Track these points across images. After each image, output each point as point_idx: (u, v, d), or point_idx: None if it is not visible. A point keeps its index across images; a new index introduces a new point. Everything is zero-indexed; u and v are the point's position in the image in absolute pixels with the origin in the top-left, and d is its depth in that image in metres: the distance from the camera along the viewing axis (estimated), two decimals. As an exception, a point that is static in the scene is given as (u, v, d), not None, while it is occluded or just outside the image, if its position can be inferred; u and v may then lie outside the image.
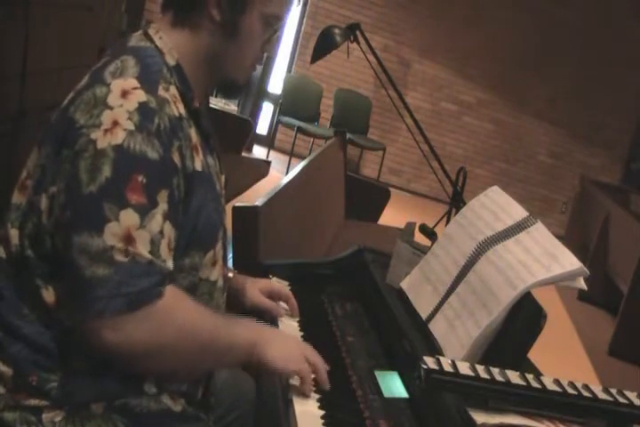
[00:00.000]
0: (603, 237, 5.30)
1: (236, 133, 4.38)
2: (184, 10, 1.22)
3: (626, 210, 5.25)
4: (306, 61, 6.77)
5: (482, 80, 7.23)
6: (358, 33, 2.94)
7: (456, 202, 2.42)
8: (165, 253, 1.09)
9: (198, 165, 1.18)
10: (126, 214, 1.05)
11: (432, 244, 1.60)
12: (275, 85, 7.24)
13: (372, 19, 7.00)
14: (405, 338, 1.36)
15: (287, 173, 3.08)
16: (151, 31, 1.22)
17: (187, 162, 1.14)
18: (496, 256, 1.34)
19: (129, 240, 1.04)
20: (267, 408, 1.48)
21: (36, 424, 1.09)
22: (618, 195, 5.75)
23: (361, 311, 1.61)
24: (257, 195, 2.14)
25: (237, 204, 1.89)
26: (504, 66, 7.14)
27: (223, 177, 1.34)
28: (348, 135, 5.32)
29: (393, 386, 1.28)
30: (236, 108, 6.65)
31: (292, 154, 6.51)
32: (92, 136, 1.07)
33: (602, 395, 1.11)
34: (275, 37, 1.30)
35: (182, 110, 1.17)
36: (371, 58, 3.01)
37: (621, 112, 7.20)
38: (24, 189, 1.16)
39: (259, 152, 6.91)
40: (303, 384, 1.20)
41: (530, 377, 1.11)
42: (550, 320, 1.25)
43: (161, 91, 1.13)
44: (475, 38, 7.06)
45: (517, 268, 1.28)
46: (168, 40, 1.21)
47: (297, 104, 6.77)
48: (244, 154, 5.01)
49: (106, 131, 1.06)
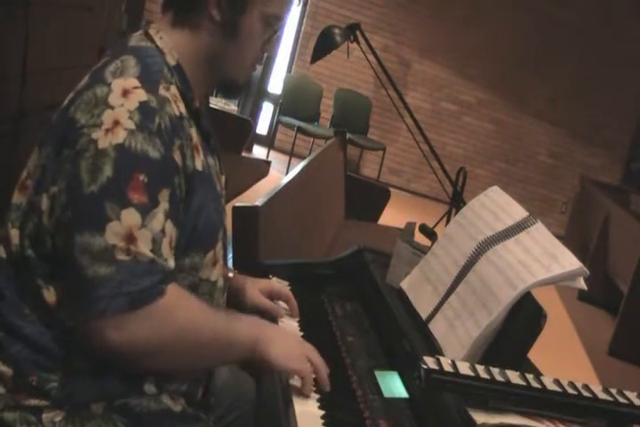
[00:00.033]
0: (603, 237, 5.30)
1: (236, 133, 4.38)
2: (184, 10, 1.22)
3: (626, 210, 5.25)
4: (306, 61, 6.77)
5: (482, 80, 7.23)
6: (358, 33, 2.94)
7: (456, 202, 2.42)
8: (167, 251, 1.09)
9: (199, 165, 1.18)
10: (128, 214, 1.05)
11: (432, 244, 1.60)
12: (275, 85, 7.24)
13: (372, 19, 7.00)
14: (405, 338, 1.36)
15: (287, 173, 3.08)
16: (151, 31, 1.22)
17: (187, 161, 1.14)
18: (496, 256, 1.34)
19: (131, 239, 1.04)
20: (267, 408, 1.48)
21: (36, 424, 1.09)
22: (618, 195, 5.75)
23: (361, 311, 1.61)
24: (257, 195, 2.14)
25: (237, 204, 1.89)
26: (504, 66, 7.15)
27: (223, 177, 1.34)
28: (348, 135, 5.32)
29: (393, 386, 1.28)
30: (236, 108, 6.65)
31: (292, 154, 6.51)
32: (93, 136, 1.07)
33: (602, 395, 1.11)
34: (275, 37, 1.30)
35: (183, 110, 1.17)
36: (371, 58, 3.01)
37: (621, 112, 7.20)
38: (24, 189, 1.16)
39: (259, 152, 6.91)
40: (304, 384, 1.19)
41: (530, 377, 1.11)
42: (550, 320, 1.25)
43: (161, 90, 1.13)
44: (475, 38, 7.06)
45: (517, 268, 1.28)
46: (168, 40, 1.21)
47: (297, 104, 6.77)
48: (244, 154, 5.01)
49: (107, 130, 1.06)
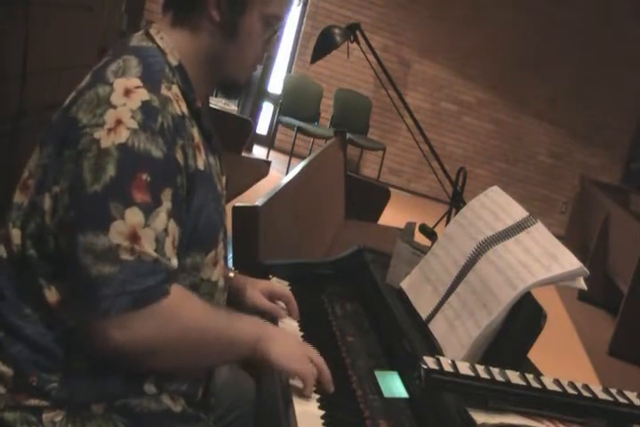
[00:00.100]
0: (603, 237, 5.30)
1: (236, 133, 4.38)
2: (184, 10, 1.22)
3: (626, 210, 5.25)
4: (306, 61, 6.77)
5: (482, 80, 7.23)
6: (358, 33, 2.94)
7: (456, 202, 2.42)
8: (170, 251, 1.09)
9: (201, 165, 1.18)
10: (132, 213, 1.05)
11: (432, 244, 1.60)
12: (275, 85, 7.24)
13: (372, 19, 7.00)
14: (405, 338, 1.36)
15: (287, 173, 3.08)
16: (152, 31, 1.22)
17: (189, 161, 1.15)
18: (496, 256, 1.34)
19: (135, 239, 1.04)
20: (267, 408, 1.48)
21: (37, 424, 1.09)
22: (618, 195, 5.75)
23: (361, 311, 1.61)
24: (257, 195, 2.14)
25: (237, 204, 1.89)
26: (504, 66, 7.15)
27: (224, 177, 1.34)
28: (348, 135, 5.32)
29: (393, 386, 1.28)
30: (236, 108, 6.64)
31: (292, 154, 6.51)
32: (96, 135, 1.07)
33: (602, 395, 1.11)
34: (275, 37, 1.30)
35: (185, 109, 1.17)
36: (371, 58, 3.01)
37: (621, 112, 7.20)
38: (25, 189, 1.16)
39: (259, 152, 6.91)
40: (305, 386, 1.19)
41: (530, 377, 1.11)
42: (550, 320, 1.25)
43: (163, 90, 1.13)
44: (475, 38, 7.06)
45: (517, 268, 1.28)
46: (169, 40, 1.21)
47: (297, 104, 6.77)
48: (244, 154, 5.01)
49: (109, 130, 1.06)
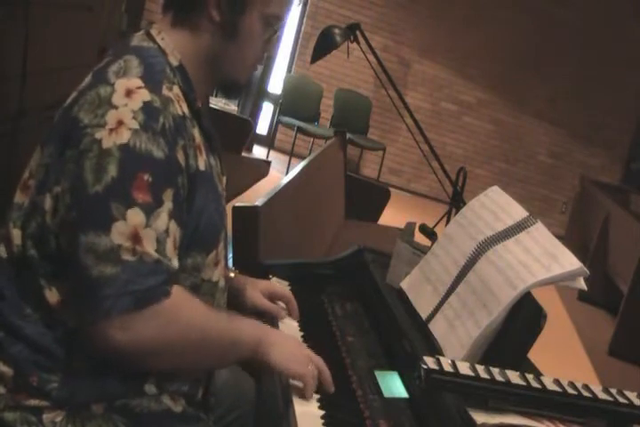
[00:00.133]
0: (603, 237, 5.30)
1: (236, 133, 4.38)
2: (184, 10, 1.22)
3: (626, 210, 5.25)
4: (306, 61, 6.77)
5: (482, 80, 7.23)
6: (358, 33, 2.94)
7: (456, 202, 2.42)
8: (171, 252, 1.09)
9: (201, 165, 1.18)
10: (133, 213, 1.05)
11: (432, 244, 1.60)
12: (275, 85, 7.24)
13: (372, 19, 7.00)
14: (405, 338, 1.36)
15: (287, 173, 3.08)
16: (153, 32, 1.22)
17: (190, 161, 1.15)
18: (496, 256, 1.34)
19: (136, 239, 1.04)
20: (267, 408, 1.48)
21: (37, 424, 1.09)
22: (618, 195, 5.75)
23: (361, 311, 1.61)
24: (257, 195, 2.14)
25: (237, 204, 1.89)
26: (504, 66, 7.15)
27: (224, 178, 1.34)
28: (348, 135, 5.32)
29: (393, 386, 1.28)
30: (236, 108, 6.64)
31: (292, 154, 6.51)
32: (97, 136, 1.07)
33: (602, 395, 1.11)
34: (275, 37, 1.30)
35: (186, 110, 1.17)
36: (371, 58, 3.01)
37: (621, 112, 7.20)
38: (26, 189, 1.16)
39: (259, 152, 6.91)
40: (306, 389, 1.19)
41: (530, 377, 1.11)
42: (550, 320, 1.25)
43: (165, 90, 1.13)
44: (475, 38, 7.06)
45: (517, 268, 1.28)
46: (170, 41, 1.21)
47: (297, 104, 6.77)
48: (244, 154, 5.01)
49: (111, 130, 1.06)
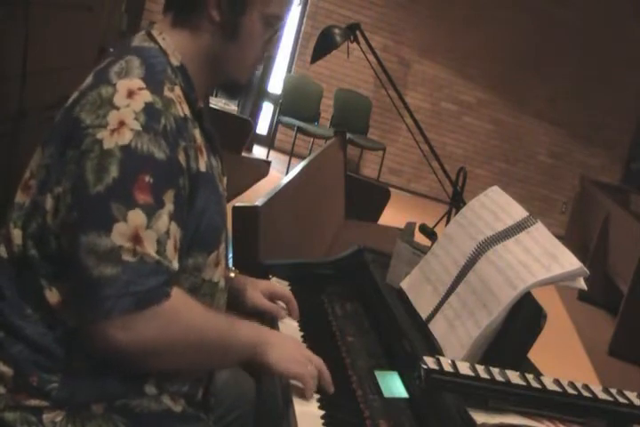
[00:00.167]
0: (603, 237, 5.30)
1: (236, 133, 4.38)
2: (184, 11, 1.22)
3: (626, 210, 5.25)
4: (306, 61, 6.77)
5: (482, 80, 7.23)
6: (358, 33, 2.94)
7: (456, 202, 2.42)
8: (171, 253, 1.09)
9: (202, 166, 1.18)
10: (134, 214, 1.05)
11: (432, 244, 1.60)
12: (275, 85, 7.24)
13: (372, 19, 7.00)
14: (405, 338, 1.36)
15: (287, 173, 3.08)
16: (154, 32, 1.22)
17: (191, 163, 1.15)
18: (496, 256, 1.34)
19: (137, 240, 1.04)
20: (267, 408, 1.48)
21: (37, 424, 1.09)
22: (618, 195, 5.75)
23: (361, 311, 1.61)
24: (257, 195, 2.14)
25: (237, 204, 1.89)
26: (504, 66, 7.15)
27: (225, 178, 1.34)
28: (348, 135, 5.32)
29: (393, 386, 1.28)
30: (236, 108, 6.64)
31: (292, 154, 6.51)
32: (99, 136, 1.07)
33: (602, 395, 1.11)
34: (275, 37, 1.30)
35: (187, 111, 1.17)
36: (371, 58, 3.01)
37: (621, 112, 7.20)
38: (27, 189, 1.16)
39: (259, 152, 6.91)
40: (306, 389, 1.19)
41: (530, 377, 1.11)
42: (550, 320, 1.25)
43: (166, 91, 1.13)
44: (475, 38, 7.06)
45: (517, 268, 1.28)
46: (171, 41, 1.21)
47: (297, 104, 6.77)
48: (244, 154, 5.01)
49: (112, 131, 1.06)
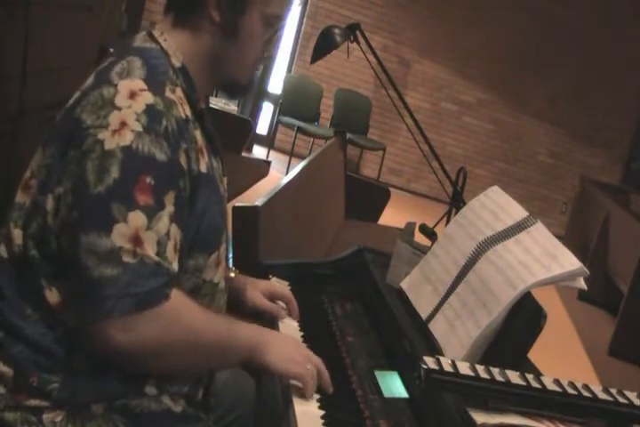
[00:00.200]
0: (603, 237, 5.30)
1: (236, 133, 4.37)
2: (184, 11, 1.22)
3: (626, 210, 5.25)
4: (306, 61, 6.77)
5: (482, 80, 7.23)
6: (358, 33, 2.94)
7: (456, 202, 2.42)
8: (171, 255, 1.09)
9: (203, 168, 1.18)
10: (135, 216, 1.05)
11: (432, 244, 1.60)
12: (275, 85, 7.24)
13: (372, 19, 7.00)
14: (405, 338, 1.36)
15: (287, 173, 3.08)
16: (156, 33, 1.22)
17: (192, 164, 1.15)
18: (496, 256, 1.34)
19: (137, 241, 1.05)
20: (267, 408, 1.48)
21: (37, 424, 1.09)
22: (618, 195, 5.75)
23: (361, 311, 1.61)
24: (257, 195, 2.14)
25: (237, 204, 1.89)
26: (504, 66, 7.15)
27: (226, 179, 1.34)
28: (348, 135, 5.32)
29: (393, 386, 1.28)
30: (236, 108, 6.64)
31: (292, 154, 6.51)
32: (100, 136, 1.07)
33: (602, 395, 1.11)
34: (275, 37, 1.30)
35: (188, 112, 1.17)
36: (371, 58, 3.01)
37: (621, 112, 7.20)
38: (28, 189, 1.16)
39: (259, 152, 6.91)
40: (305, 389, 1.19)
41: (530, 377, 1.11)
42: (550, 320, 1.25)
43: (168, 92, 1.13)
44: (475, 38, 7.06)
45: (517, 268, 1.28)
46: (172, 42, 1.21)
47: (297, 104, 6.77)
48: (244, 154, 5.01)
49: (114, 132, 1.06)
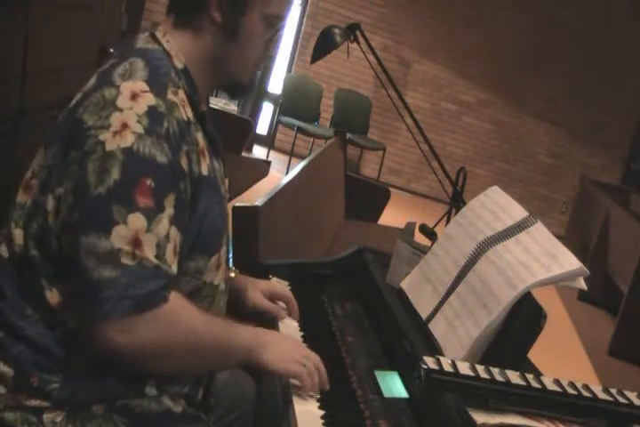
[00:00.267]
0: (603, 237, 5.30)
1: (236, 133, 4.37)
2: (185, 12, 1.22)
3: (626, 210, 5.25)
4: (306, 61, 6.77)
5: (482, 80, 7.23)
6: (358, 33, 2.94)
7: (456, 202, 2.42)
8: (171, 257, 1.09)
9: (204, 170, 1.18)
10: (134, 218, 1.05)
11: (432, 244, 1.60)
12: (275, 85, 7.24)
13: (372, 19, 7.00)
14: (405, 338, 1.36)
15: (287, 173, 3.08)
16: (158, 34, 1.22)
17: (193, 167, 1.15)
18: (496, 256, 1.34)
19: (136, 244, 1.05)
20: (267, 408, 1.48)
21: (37, 425, 1.10)
22: (618, 195, 5.75)
23: (361, 311, 1.61)
24: (257, 195, 2.14)
25: (237, 204, 1.89)
26: (504, 66, 7.15)
27: (227, 180, 1.34)
28: (348, 135, 5.32)
29: (393, 386, 1.28)
30: (236, 108, 6.63)
31: (292, 154, 6.51)
32: (101, 137, 1.07)
33: (602, 395, 1.11)
34: (276, 37, 1.30)
35: (190, 114, 1.17)
36: (371, 58, 3.01)
37: (621, 112, 7.20)
38: (29, 189, 1.16)
39: (259, 152, 6.91)
40: (303, 387, 1.19)
41: (530, 377, 1.11)
42: (550, 320, 1.25)
43: (170, 94, 1.13)
44: (475, 38, 7.06)
45: (517, 268, 1.28)
46: (174, 43, 1.21)
47: (297, 104, 6.77)
48: (244, 154, 5.01)
49: (115, 133, 1.06)
